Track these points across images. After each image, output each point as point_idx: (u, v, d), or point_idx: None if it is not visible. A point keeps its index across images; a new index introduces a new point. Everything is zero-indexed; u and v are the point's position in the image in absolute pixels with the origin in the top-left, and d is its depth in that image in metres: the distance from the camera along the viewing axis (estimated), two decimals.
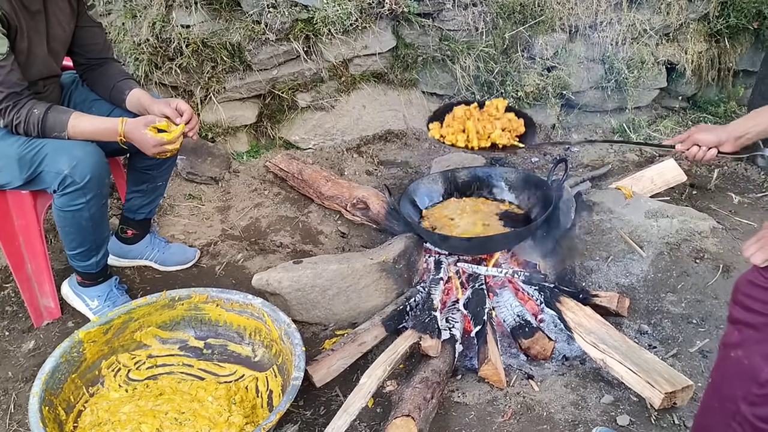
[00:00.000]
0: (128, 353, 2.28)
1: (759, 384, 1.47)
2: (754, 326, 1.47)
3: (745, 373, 1.48)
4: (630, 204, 2.82)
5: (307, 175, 3.29)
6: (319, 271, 2.49)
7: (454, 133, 2.54)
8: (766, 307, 1.44)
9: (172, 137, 2.24)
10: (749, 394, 1.49)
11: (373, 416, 2.16)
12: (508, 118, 2.55)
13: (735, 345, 1.51)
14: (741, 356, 1.49)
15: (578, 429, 2.09)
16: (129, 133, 2.22)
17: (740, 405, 1.51)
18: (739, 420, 1.52)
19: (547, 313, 2.51)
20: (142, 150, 2.26)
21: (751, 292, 1.48)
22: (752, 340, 1.47)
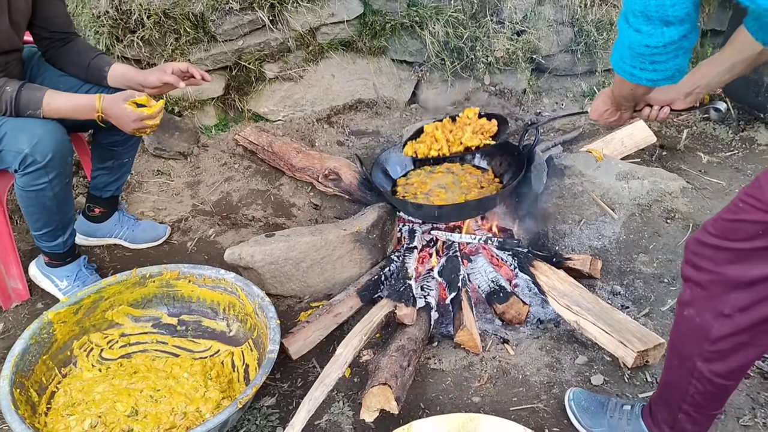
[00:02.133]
0: (100, 332, 2.25)
1: (711, 341, 1.51)
2: (702, 285, 1.50)
3: (698, 330, 1.53)
4: (601, 167, 2.83)
5: (278, 147, 3.25)
6: (292, 244, 2.47)
7: (427, 146, 2.64)
8: (712, 264, 1.48)
9: (152, 111, 2.17)
10: (703, 351, 1.54)
11: (351, 386, 2.17)
12: (480, 123, 2.61)
13: (687, 303, 1.55)
14: (693, 314, 1.54)
15: (553, 390, 2.11)
16: (107, 110, 2.14)
17: (696, 362, 1.56)
18: (696, 376, 1.58)
19: (522, 278, 2.53)
20: (120, 127, 2.18)
21: (699, 251, 1.51)
22: (701, 298, 1.51)
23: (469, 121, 2.67)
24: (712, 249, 1.47)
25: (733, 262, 1.44)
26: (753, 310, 1.45)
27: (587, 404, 1.96)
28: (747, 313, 1.45)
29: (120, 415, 1.96)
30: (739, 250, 1.42)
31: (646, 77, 1.51)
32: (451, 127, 2.69)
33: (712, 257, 1.47)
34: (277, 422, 2.04)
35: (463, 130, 2.61)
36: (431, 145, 2.65)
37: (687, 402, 1.65)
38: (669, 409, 1.72)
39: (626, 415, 1.88)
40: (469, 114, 2.70)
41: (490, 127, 2.63)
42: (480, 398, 2.10)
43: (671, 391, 1.69)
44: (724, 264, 1.45)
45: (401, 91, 3.82)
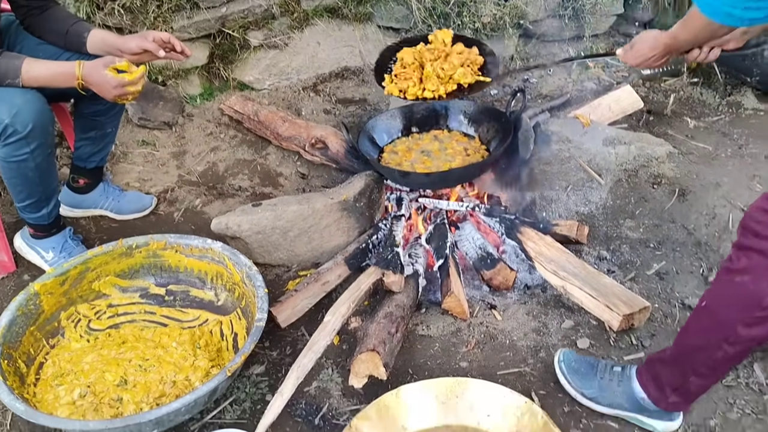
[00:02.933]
0: (87, 303, 2.24)
1: (762, 307, 1.49)
2: (764, 252, 1.48)
3: (749, 297, 1.50)
4: (588, 132, 2.83)
5: (264, 116, 3.22)
6: (279, 213, 2.46)
7: (414, 84, 2.45)
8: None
9: (134, 77, 2.12)
10: (749, 318, 1.52)
11: (339, 353, 2.18)
12: (458, 51, 2.49)
13: (742, 271, 1.52)
14: (746, 281, 1.51)
15: (540, 354, 2.14)
16: (87, 76, 2.08)
17: (737, 327, 1.54)
18: (731, 341, 1.56)
19: (509, 244, 2.53)
20: (101, 94, 2.13)
21: (763, 219, 1.48)
22: (761, 266, 1.48)
23: (447, 48, 2.49)
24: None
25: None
26: None
27: (577, 365, 1.98)
28: None
29: (109, 384, 1.97)
30: None
31: (750, 17, 1.44)
32: (431, 56, 2.48)
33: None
34: (266, 389, 2.05)
35: (451, 63, 2.42)
36: (418, 81, 2.45)
37: (707, 365, 1.64)
38: (680, 372, 1.71)
39: (617, 376, 1.89)
40: (443, 38, 2.48)
41: (475, 57, 2.49)
42: (467, 363, 2.12)
43: (691, 354, 1.67)
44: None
45: None
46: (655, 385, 1.79)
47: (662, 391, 1.77)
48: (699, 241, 2.55)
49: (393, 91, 2.49)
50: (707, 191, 2.76)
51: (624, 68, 3.75)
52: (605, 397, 1.89)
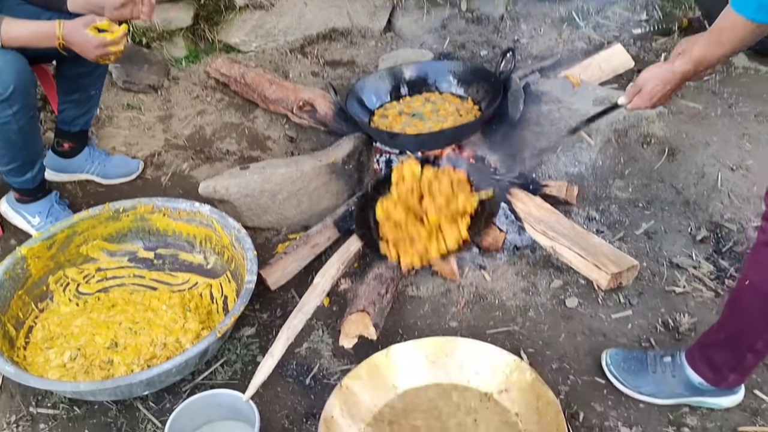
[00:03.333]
0: (76, 267, 2.23)
1: None
2: None
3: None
4: (578, 92, 2.81)
5: (250, 78, 3.17)
6: (267, 176, 2.44)
7: (424, 238, 2.14)
8: None
9: (115, 37, 2.07)
10: None
11: (330, 314, 2.19)
12: (436, 178, 2.22)
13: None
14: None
15: (529, 313, 2.15)
16: (68, 36, 2.04)
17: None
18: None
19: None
20: (82, 54, 2.09)
21: None
22: None
23: (426, 181, 2.19)
24: None
25: None
26: None
27: (626, 365, 1.90)
28: None
29: (99, 347, 1.97)
30: None
31: None
32: (413, 199, 2.17)
33: None
34: (257, 351, 2.06)
35: (443, 194, 2.13)
36: (428, 235, 2.15)
37: (763, 339, 1.62)
38: (735, 351, 1.68)
39: (669, 367, 1.83)
40: (414, 170, 2.14)
41: (457, 176, 2.21)
42: (457, 323, 2.14)
43: (743, 333, 1.65)
44: None
45: (376, 19, 3.73)
46: (710, 368, 1.75)
47: (719, 372, 1.73)
48: (687, 200, 2.56)
49: (414, 262, 2.15)
50: (696, 150, 2.76)
51: (614, 28, 3.72)
52: (663, 391, 1.84)
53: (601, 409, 1.85)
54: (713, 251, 2.34)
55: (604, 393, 1.89)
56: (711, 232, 2.42)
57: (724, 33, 1.49)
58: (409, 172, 2.10)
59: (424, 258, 2.14)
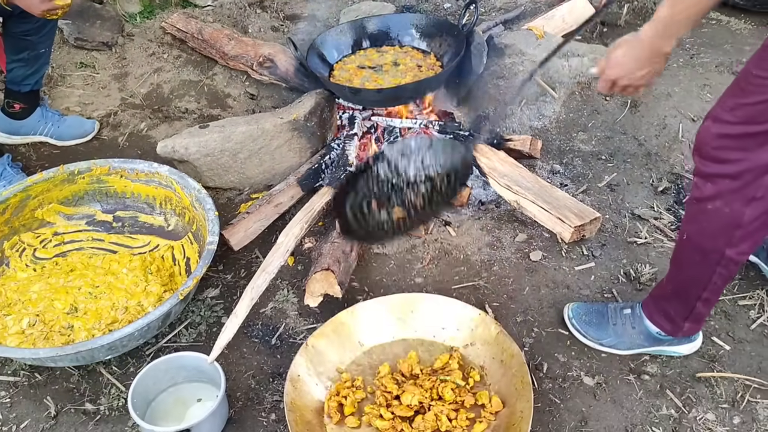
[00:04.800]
0: (31, 232, 2.17)
1: (741, 227, 1.49)
2: (731, 176, 1.45)
3: (727, 221, 1.50)
4: (542, 45, 2.78)
5: (208, 34, 3.07)
6: (227, 135, 2.39)
7: None
8: (742, 153, 1.42)
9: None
10: (733, 238, 1.52)
11: (295, 273, 2.17)
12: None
13: (711, 197, 1.50)
14: (720, 206, 1.49)
15: (494, 267, 2.16)
16: None
17: (725, 251, 1.54)
18: (724, 263, 1.57)
19: None
20: (28, 9, 2.00)
21: (723, 144, 1.44)
22: (730, 190, 1.47)
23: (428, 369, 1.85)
24: (737, 138, 1.41)
25: (762, 145, 1.39)
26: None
27: (588, 317, 1.93)
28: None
29: (59, 312, 1.93)
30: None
31: None
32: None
33: (740, 146, 1.42)
34: (221, 312, 2.04)
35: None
36: None
37: (709, 289, 1.65)
38: (685, 302, 1.72)
39: (629, 319, 1.87)
40: (412, 365, 1.82)
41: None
42: (423, 279, 2.14)
43: (689, 285, 1.68)
44: (756, 149, 1.40)
45: None
46: (666, 319, 1.79)
47: (674, 322, 1.77)
48: (649, 152, 2.58)
49: None
50: (658, 102, 2.77)
51: None
52: (624, 342, 1.87)
53: (564, 359, 1.88)
54: (674, 202, 2.37)
55: (567, 344, 1.92)
56: (672, 183, 2.45)
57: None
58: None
59: None
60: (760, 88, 1.34)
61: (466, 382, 1.76)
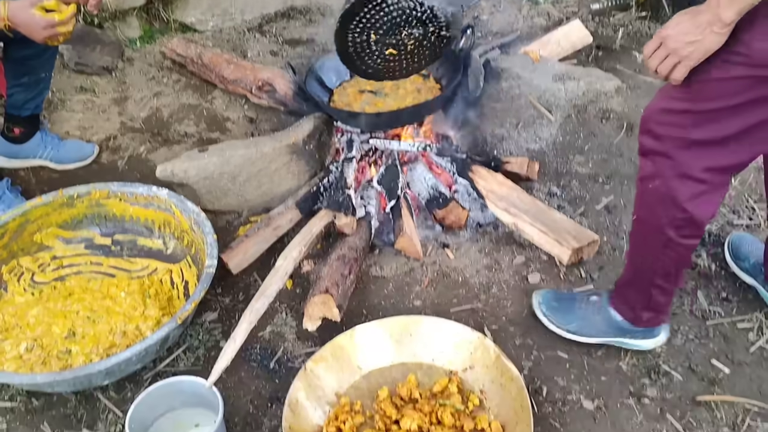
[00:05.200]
0: (30, 256, 2.17)
1: (679, 207, 1.52)
2: (666, 154, 1.49)
3: (666, 199, 1.53)
4: (538, 68, 2.81)
5: (208, 59, 3.11)
6: (226, 158, 2.40)
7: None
8: (678, 130, 1.46)
9: (64, 17, 1.99)
10: (674, 219, 1.55)
11: (293, 297, 2.17)
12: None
13: (651, 176, 1.55)
14: (659, 185, 1.54)
15: (492, 290, 2.16)
16: (14, 17, 1.95)
17: (668, 232, 1.58)
18: (670, 245, 1.60)
19: (461, 183, 2.53)
20: (29, 35, 2.01)
21: (662, 119, 1.49)
22: (666, 167, 1.51)
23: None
24: (678, 114, 1.45)
25: (701, 124, 1.42)
26: (719, 166, 1.47)
27: (557, 304, 1.99)
28: (713, 172, 1.48)
29: (57, 337, 1.93)
30: (712, 110, 1.40)
31: None
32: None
33: (678, 122, 1.46)
34: (220, 336, 2.04)
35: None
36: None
37: (659, 275, 1.69)
38: (641, 289, 1.76)
39: (594, 305, 1.92)
40: (411, 389, 1.79)
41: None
42: (421, 301, 2.14)
43: (642, 271, 1.73)
44: (692, 127, 1.44)
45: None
46: (626, 306, 1.84)
47: (634, 310, 1.82)
48: None
49: None
50: None
51: (573, 3, 3.72)
52: (587, 327, 1.92)
53: (564, 383, 1.88)
54: None
55: (567, 367, 1.91)
56: None
57: None
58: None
59: None
60: (706, 68, 1.35)
61: (465, 406, 1.76)
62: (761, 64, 1.31)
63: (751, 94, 1.35)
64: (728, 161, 1.48)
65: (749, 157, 1.50)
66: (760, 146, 1.48)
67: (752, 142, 1.44)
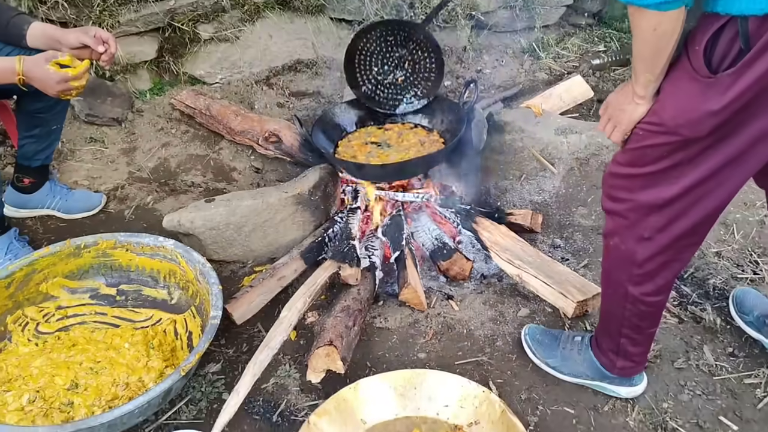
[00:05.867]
0: (35, 306, 2.17)
1: (637, 265, 1.60)
2: (621, 214, 1.58)
3: (625, 257, 1.61)
4: (540, 122, 2.85)
5: (216, 110, 3.16)
6: (232, 208, 2.42)
7: None
8: (627, 193, 1.54)
9: (77, 72, 2.05)
10: (632, 276, 1.63)
11: (297, 348, 2.16)
12: None
13: (611, 233, 1.64)
14: (618, 243, 1.62)
15: (497, 343, 2.15)
16: (29, 72, 2.01)
17: (627, 287, 1.65)
18: (630, 300, 1.67)
19: (465, 235, 2.55)
20: (43, 90, 2.06)
21: (613, 182, 1.58)
22: (623, 227, 1.59)
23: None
24: (624, 178, 1.54)
25: (645, 187, 1.50)
26: (670, 229, 1.52)
27: (542, 338, 2.06)
28: (666, 233, 1.53)
29: (59, 388, 1.91)
30: (649, 174, 1.48)
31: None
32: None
33: (626, 186, 1.54)
34: (222, 388, 2.02)
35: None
36: None
37: (625, 326, 1.74)
38: (611, 336, 1.82)
39: (577, 345, 1.97)
40: None
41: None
42: (426, 354, 2.13)
43: (610, 319, 1.79)
44: (638, 190, 1.52)
45: (341, 50, 3.74)
46: (600, 351, 1.89)
47: (607, 357, 1.87)
48: None
49: None
50: None
51: (574, 59, 3.80)
52: (567, 366, 1.97)
53: None
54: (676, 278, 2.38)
55: (574, 423, 1.89)
56: None
57: (635, 39, 1.37)
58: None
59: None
60: (641, 137, 1.46)
61: None
62: (671, 131, 1.39)
63: (673, 159, 1.43)
64: (679, 224, 1.51)
65: (699, 219, 1.51)
66: (707, 205, 1.48)
67: (696, 204, 1.48)
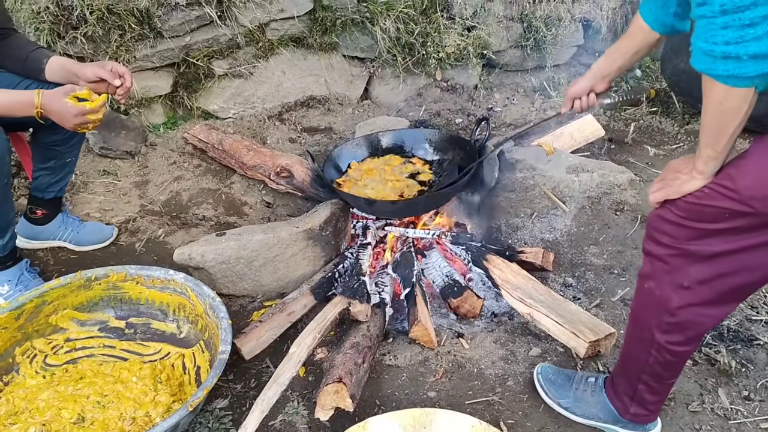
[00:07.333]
0: (44, 338, 2.16)
1: (669, 313, 1.57)
2: (662, 258, 1.55)
3: (657, 302, 1.58)
4: (552, 160, 2.86)
5: (228, 145, 3.19)
6: (243, 243, 2.42)
7: None
8: (672, 240, 1.52)
9: (95, 106, 2.08)
10: (662, 323, 1.59)
11: (306, 385, 2.14)
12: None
13: (647, 276, 1.61)
14: (653, 287, 1.59)
15: (508, 382, 2.12)
16: (47, 105, 2.03)
17: (655, 333, 1.61)
18: (656, 347, 1.63)
19: (475, 272, 2.53)
20: (61, 123, 2.08)
21: (660, 226, 1.55)
22: (661, 271, 1.56)
23: None
24: (673, 225, 1.51)
25: (693, 239, 1.48)
26: (713, 284, 1.50)
27: (555, 378, 2.02)
28: (707, 286, 1.50)
29: (66, 422, 1.89)
30: (701, 229, 1.46)
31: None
32: None
33: (672, 233, 1.52)
34: (230, 424, 2.00)
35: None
36: None
37: (646, 372, 1.71)
38: (629, 381, 1.78)
39: (590, 386, 1.94)
40: None
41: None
42: (435, 393, 2.10)
43: (631, 362, 1.75)
44: (685, 240, 1.50)
45: (353, 87, 3.80)
46: (615, 393, 1.85)
47: (621, 401, 1.83)
48: None
49: None
50: None
51: None
52: (580, 407, 1.93)
53: None
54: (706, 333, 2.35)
55: None
56: None
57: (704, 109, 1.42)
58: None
59: None
60: (706, 196, 1.45)
61: None
62: (742, 200, 1.38)
63: (733, 223, 1.42)
64: (724, 281, 1.49)
65: (747, 282, 1.50)
66: (759, 272, 1.48)
67: (746, 267, 1.47)
